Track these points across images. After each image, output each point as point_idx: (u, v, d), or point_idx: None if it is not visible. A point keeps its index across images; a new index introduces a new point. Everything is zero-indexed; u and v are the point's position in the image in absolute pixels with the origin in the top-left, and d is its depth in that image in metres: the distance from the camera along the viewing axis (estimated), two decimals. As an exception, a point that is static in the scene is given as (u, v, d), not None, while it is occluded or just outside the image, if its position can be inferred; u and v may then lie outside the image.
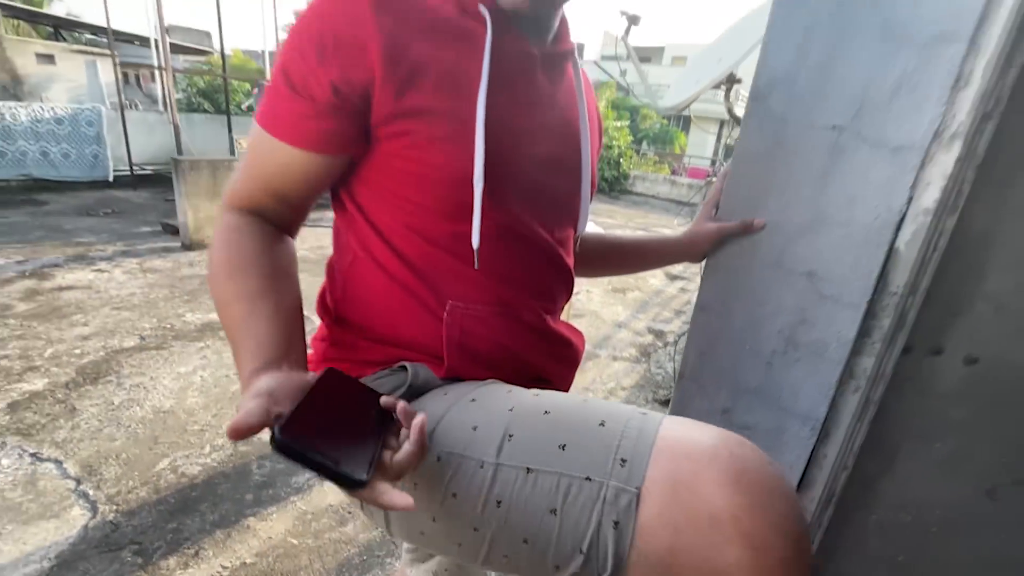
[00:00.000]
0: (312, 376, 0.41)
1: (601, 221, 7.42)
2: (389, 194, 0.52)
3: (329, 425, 0.37)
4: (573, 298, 3.63)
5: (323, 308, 0.60)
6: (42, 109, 5.41)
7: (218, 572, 1.32)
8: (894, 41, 0.57)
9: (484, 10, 0.50)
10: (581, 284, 4.15)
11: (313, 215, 0.57)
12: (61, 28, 10.48)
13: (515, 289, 0.55)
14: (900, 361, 0.77)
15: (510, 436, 0.44)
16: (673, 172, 13.12)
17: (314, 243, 4.44)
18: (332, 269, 0.60)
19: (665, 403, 2.46)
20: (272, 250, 0.52)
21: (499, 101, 0.50)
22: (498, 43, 0.51)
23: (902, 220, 0.62)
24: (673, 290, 4.49)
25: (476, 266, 0.52)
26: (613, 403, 0.48)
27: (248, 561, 1.37)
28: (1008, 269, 0.70)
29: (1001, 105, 0.58)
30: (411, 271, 0.53)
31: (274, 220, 0.55)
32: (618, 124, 10.28)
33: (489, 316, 0.54)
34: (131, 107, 7.41)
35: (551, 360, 0.60)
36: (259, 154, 0.51)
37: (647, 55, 25.24)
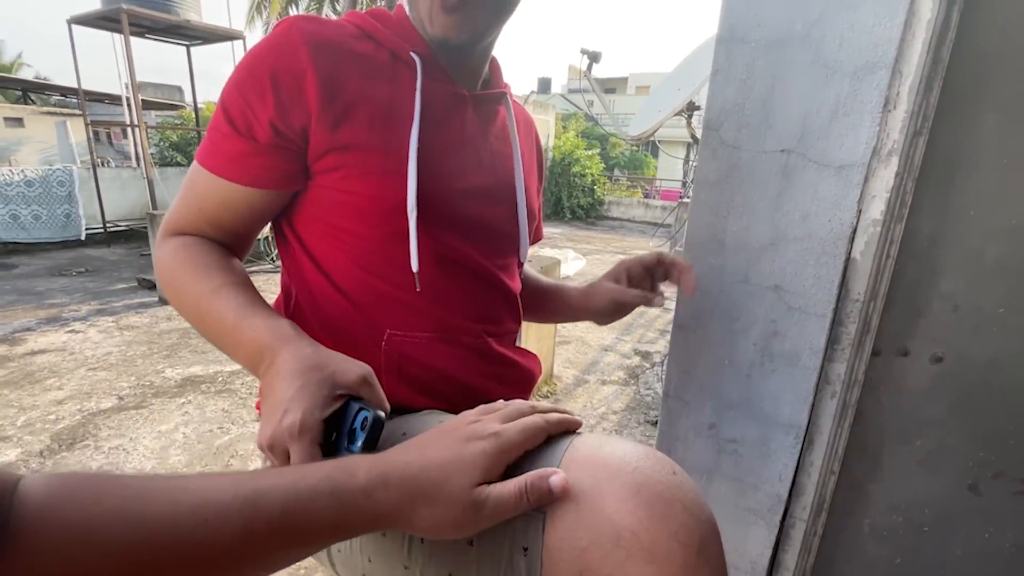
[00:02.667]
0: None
1: (580, 248, 7.53)
2: (327, 226, 0.53)
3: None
4: (559, 325, 3.53)
5: None
6: (11, 172, 5.35)
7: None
8: (825, 71, 0.63)
9: (415, 56, 0.53)
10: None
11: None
12: (30, 91, 10.50)
13: (455, 313, 0.56)
14: (871, 364, 0.80)
15: None
16: (646, 195, 13.51)
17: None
18: (279, 309, 0.60)
19: (656, 423, 2.46)
20: (228, 256, 0.54)
21: (430, 138, 0.53)
22: (429, 86, 0.53)
23: (854, 232, 0.67)
24: (656, 310, 4.54)
25: (418, 288, 0.53)
26: None
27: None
28: (958, 271, 0.74)
29: (929, 122, 0.64)
30: (350, 304, 0.54)
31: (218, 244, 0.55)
32: (589, 153, 10.57)
33: (428, 343, 0.55)
34: (103, 164, 7.40)
35: (495, 382, 0.60)
36: (199, 191, 0.52)
37: (612, 86, 26.24)
